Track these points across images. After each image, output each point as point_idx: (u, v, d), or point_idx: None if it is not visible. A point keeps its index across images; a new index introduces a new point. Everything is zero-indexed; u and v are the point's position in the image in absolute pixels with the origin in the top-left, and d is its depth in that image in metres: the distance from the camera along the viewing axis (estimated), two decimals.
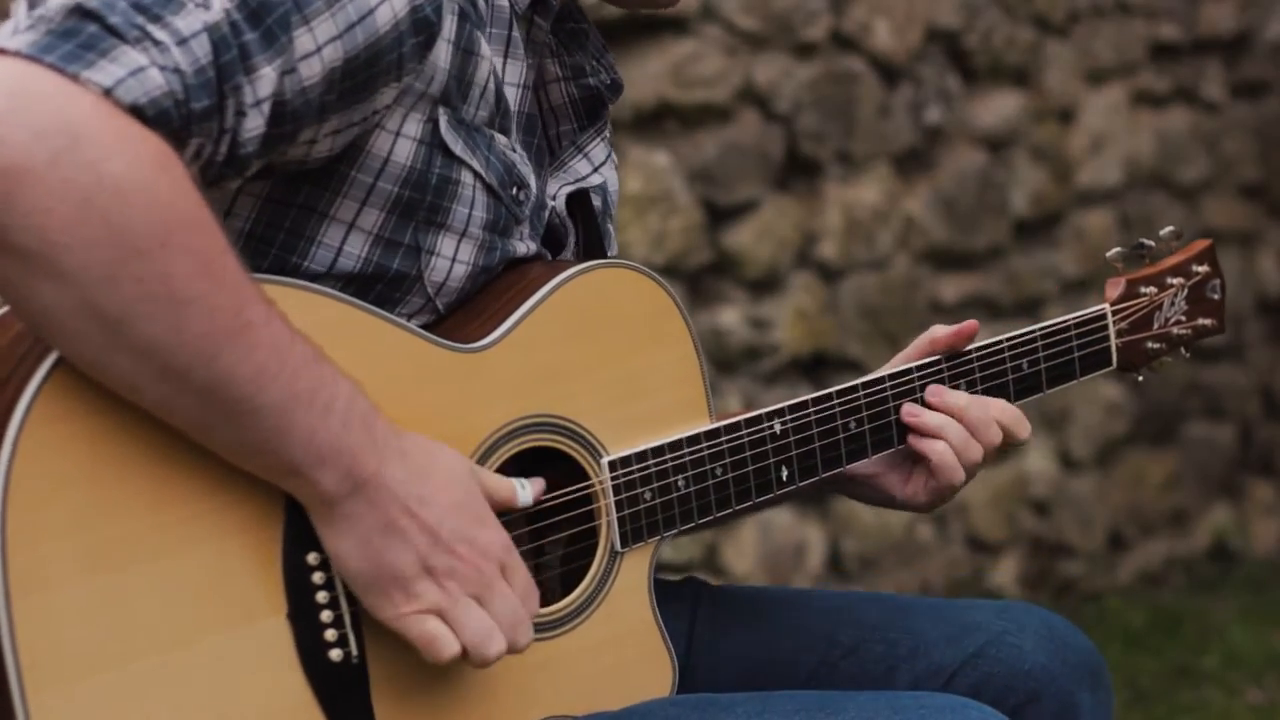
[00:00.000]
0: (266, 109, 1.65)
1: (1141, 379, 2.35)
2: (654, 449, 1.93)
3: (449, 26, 1.78)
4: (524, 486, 1.81)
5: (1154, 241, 2.32)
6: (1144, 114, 5.60)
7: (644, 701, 1.93)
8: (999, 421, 2.10)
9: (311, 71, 1.68)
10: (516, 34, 1.92)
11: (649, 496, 1.93)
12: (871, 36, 4.80)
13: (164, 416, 1.63)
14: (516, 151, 1.90)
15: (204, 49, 1.60)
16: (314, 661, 1.72)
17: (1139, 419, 5.61)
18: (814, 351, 4.69)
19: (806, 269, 4.71)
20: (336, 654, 1.73)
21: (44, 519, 1.59)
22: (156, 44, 1.58)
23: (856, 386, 2.07)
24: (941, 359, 2.12)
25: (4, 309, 1.66)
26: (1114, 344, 2.27)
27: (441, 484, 1.72)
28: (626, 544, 1.92)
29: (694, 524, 1.97)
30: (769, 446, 2.01)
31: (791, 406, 2.02)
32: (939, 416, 2.08)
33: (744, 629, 2.18)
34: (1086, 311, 2.25)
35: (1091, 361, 2.24)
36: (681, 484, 1.95)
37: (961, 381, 2.13)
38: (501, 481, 1.80)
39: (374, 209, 1.80)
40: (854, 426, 2.06)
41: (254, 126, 1.65)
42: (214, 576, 1.67)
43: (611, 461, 1.90)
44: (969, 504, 5.10)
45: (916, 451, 2.09)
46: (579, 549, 1.92)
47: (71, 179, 1.51)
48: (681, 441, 1.95)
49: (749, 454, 2.00)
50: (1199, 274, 2.34)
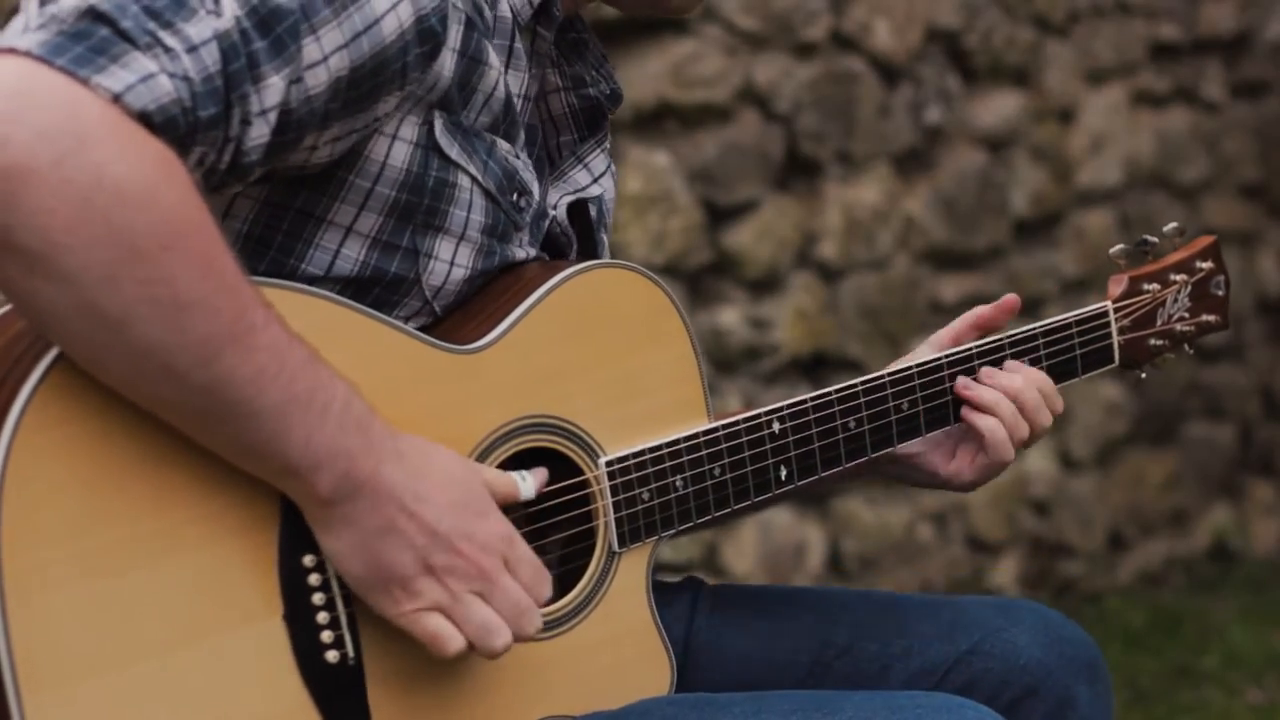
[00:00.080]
0: (272, 118, 1.65)
1: (1144, 376, 2.34)
2: (652, 449, 1.93)
3: (454, 36, 1.78)
4: (525, 479, 1.81)
5: (1157, 238, 2.32)
6: (1144, 114, 5.60)
7: (641, 701, 1.93)
8: (1050, 407, 2.14)
9: (318, 80, 1.68)
10: (519, 45, 1.91)
11: (647, 496, 1.93)
12: (871, 36, 4.80)
13: (162, 416, 1.63)
14: (520, 158, 1.90)
15: (213, 57, 1.60)
16: (311, 663, 1.71)
17: (1139, 419, 5.61)
18: (814, 351, 4.68)
19: (806, 269, 4.70)
20: (333, 655, 1.72)
21: (40, 523, 1.58)
22: (167, 50, 1.58)
23: (856, 385, 2.07)
24: (943, 356, 2.12)
25: (2, 309, 1.66)
26: (1116, 341, 2.26)
27: (439, 483, 1.72)
28: (624, 544, 1.92)
29: (692, 524, 1.97)
30: (767, 446, 2.00)
31: (790, 405, 2.02)
32: (993, 392, 2.11)
33: (741, 628, 2.18)
34: (1088, 309, 2.25)
35: (1093, 359, 2.24)
36: (679, 484, 1.95)
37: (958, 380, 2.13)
38: (502, 476, 1.80)
39: (372, 213, 1.80)
40: (853, 426, 2.06)
41: (259, 135, 1.65)
42: (210, 579, 1.67)
43: (609, 461, 1.90)
44: (969, 504, 5.10)
45: (969, 426, 2.12)
46: (577, 549, 1.91)
47: (74, 181, 1.51)
48: (679, 441, 1.95)
49: (747, 454, 1.99)
50: (1203, 270, 2.33)
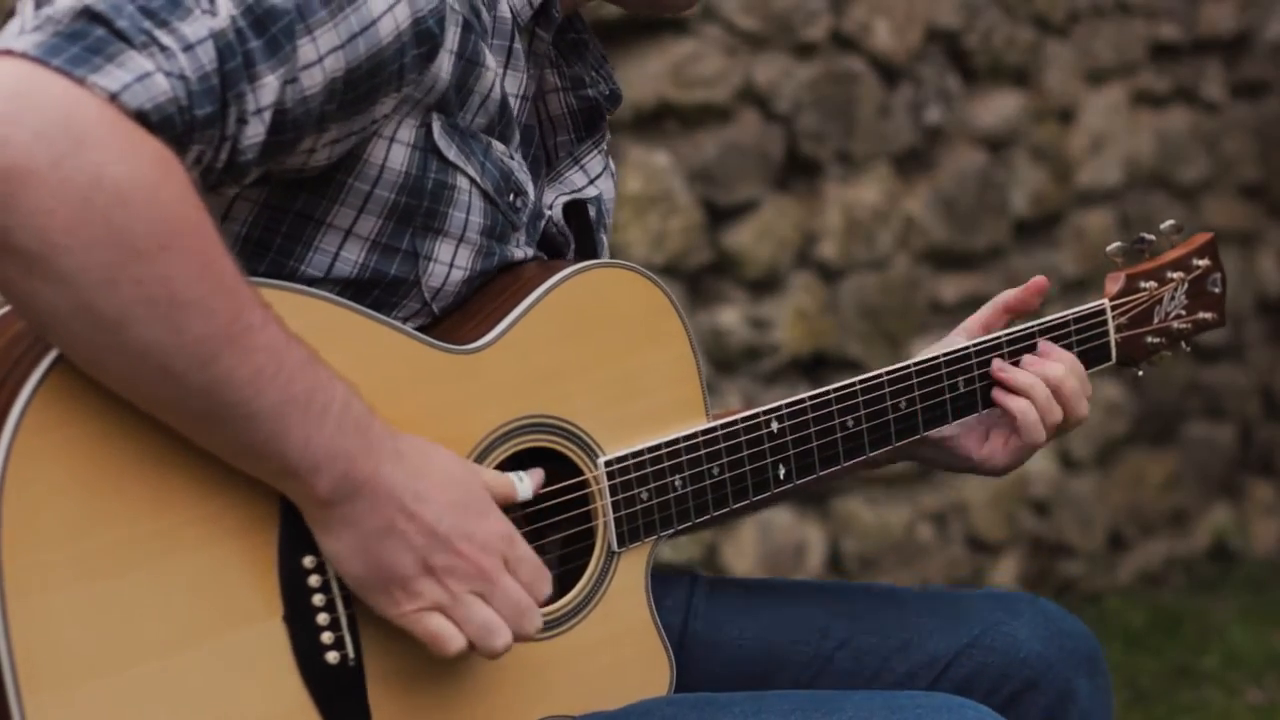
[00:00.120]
0: (268, 117, 1.65)
1: (1141, 374, 2.35)
2: (650, 449, 1.93)
3: (451, 37, 1.78)
4: (522, 479, 1.81)
5: (1154, 236, 2.32)
6: (1144, 114, 5.60)
7: (641, 700, 1.93)
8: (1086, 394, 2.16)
9: (313, 81, 1.68)
10: (518, 45, 1.91)
11: (645, 496, 1.93)
12: (871, 36, 4.80)
13: (162, 417, 1.63)
14: (515, 159, 1.90)
15: (209, 55, 1.60)
16: (311, 664, 1.71)
17: (1139, 419, 5.61)
18: (814, 351, 4.68)
19: (806, 269, 4.70)
20: (333, 656, 1.73)
21: (40, 524, 1.58)
22: (163, 49, 1.58)
23: (854, 384, 2.07)
24: (940, 356, 2.12)
25: (1, 310, 1.66)
26: (1113, 339, 2.26)
27: (438, 483, 1.72)
28: (623, 544, 1.92)
29: (691, 523, 1.97)
30: (766, 446, 2.01)
31: (788, 405, 2.02)
32: (1028, 375, 2.12)
33: (738, 621, 2.18)
34: (1085, 307, 2.25)
35: (1091, 357, 2.24)
36: (678, 483, 1.95)
37: (959, 379, 2.13)
38: (499, 477, 1.80)
39: (371, 216, 1.80)
40: (851, 425, 2.06)
41: (254, 134, 1.65)
42: (210, 580, 1.67)
43: (608, 461, 1.90)
44: (969, 504, 5.10)
45: (1001, 408, 2.13)
46: (576, 549, 1.91)
47: (73, 181, 1.51)
48: (678, 441, 1.95)
49: (746, 453, 1.99)
50: (1199, 268, 2.33)
